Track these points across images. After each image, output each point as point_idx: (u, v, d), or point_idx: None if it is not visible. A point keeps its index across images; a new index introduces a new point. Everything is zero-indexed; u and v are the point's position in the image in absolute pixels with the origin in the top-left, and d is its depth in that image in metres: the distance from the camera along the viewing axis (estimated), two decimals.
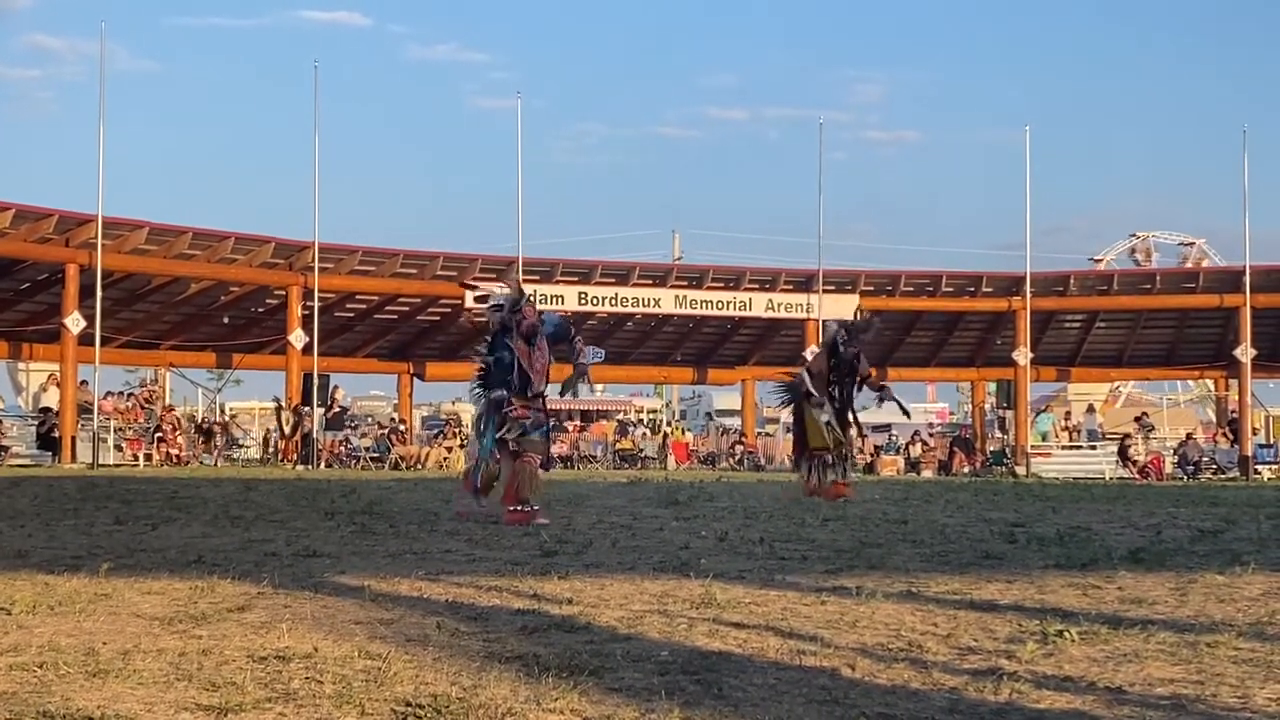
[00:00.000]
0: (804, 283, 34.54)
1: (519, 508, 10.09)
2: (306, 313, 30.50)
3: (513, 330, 10.46)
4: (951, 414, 61.37)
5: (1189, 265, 52.33)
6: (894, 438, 36.28)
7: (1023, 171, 33.84)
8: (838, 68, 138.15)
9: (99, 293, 26.50)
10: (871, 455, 33.65)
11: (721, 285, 34.99)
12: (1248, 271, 33.00)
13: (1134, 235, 58.10)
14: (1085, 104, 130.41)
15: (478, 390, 10.83)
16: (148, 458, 27.44)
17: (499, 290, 10.96)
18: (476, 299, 11.11)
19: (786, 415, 15.06)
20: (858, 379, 14.04)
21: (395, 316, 35.34)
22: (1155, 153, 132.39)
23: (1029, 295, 33.88)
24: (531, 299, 10.93)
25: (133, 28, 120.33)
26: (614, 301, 33.87)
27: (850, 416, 14.20)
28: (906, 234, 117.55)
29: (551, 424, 11.17)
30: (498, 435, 10.38)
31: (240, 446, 32.02)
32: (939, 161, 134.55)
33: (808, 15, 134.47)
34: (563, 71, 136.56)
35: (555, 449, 25.58)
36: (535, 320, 10.58)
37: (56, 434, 26.69)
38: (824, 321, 15.05)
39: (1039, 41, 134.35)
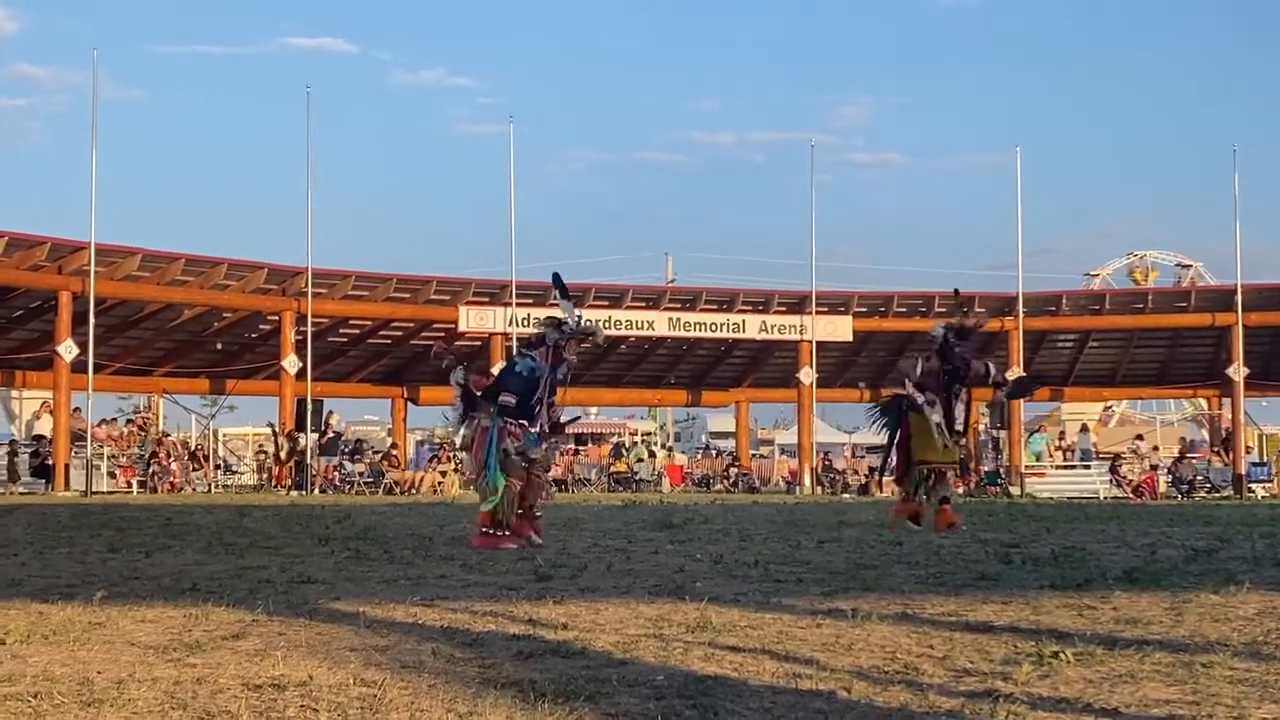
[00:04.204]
0: (797, 304, 34.61)
1: (491, 530, 10.00)
2: (300, 338, 30.50)
3: (548, 363, 10.30)
4: None
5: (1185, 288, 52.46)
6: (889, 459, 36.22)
7: (1010, 192, 34.00)
8: (821, 91, 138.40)
9: (92, 320, 26.51)
10: (866, 476, 33.67)
11: (715, 307, 35.06)
12: (1239, 290, 33.11)
13: (1131, 254, 58.19)
14: (1071, 125, 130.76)
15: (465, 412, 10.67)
16: (141, 484, 27.38)
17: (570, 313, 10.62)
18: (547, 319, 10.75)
19: (882, 435, 13.53)
20: (967, 382, 12.84)
21: (389, 341, 35.34)
22: (1144, 173, 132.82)
23: (1021, 315, 33.94)
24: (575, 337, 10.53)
25: (119, 57, 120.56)
26: (607, 324, 33.87)
27: (962, 424, 12.97)
28: (894, 256, 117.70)
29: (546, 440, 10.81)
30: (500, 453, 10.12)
31: (234, 472, 31.96)
32: (924, 183, 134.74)
33: (790, 39, 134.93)
34: (547, 97, 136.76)
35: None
36: (571, 363, 10.43)
37: (50, 462, 26.64)
38: (935, 327, 13.65)
39: (1023, 64, 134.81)
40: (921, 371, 12.63)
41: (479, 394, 10.58)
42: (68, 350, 26.81)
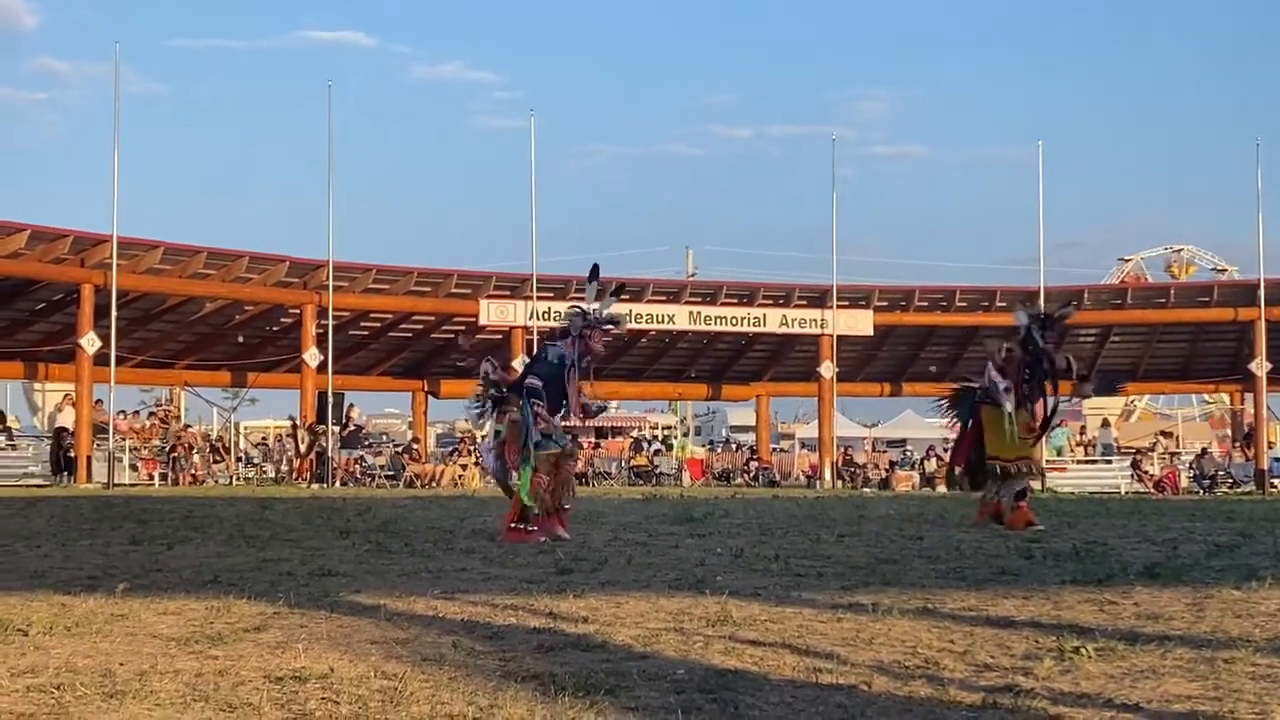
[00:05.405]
0: (818, 298, 34.53)
1: (519, 526, 9.96)
2: (321, 331, 30.58)
3: (574, 350, 10.24)
4: None
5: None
6: (909, 453, 36.19)
7: (1032, 186, 33.88)
8: (840, 85, 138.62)
9: (114, 312, 26.59)
10: (887, 470, 33.65)
11: (735, 301, 34.99)
12: (1262, 285, 32.93)
13: (1169, 247, 58.13)
14: (1094, 118, 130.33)
15: (483, 408, 10.65)
16: (163, 477, 27.50)
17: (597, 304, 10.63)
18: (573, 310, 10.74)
19: (953, 429, 13.04)
20: (1053, 375, 12.19)
21: (409, 334, 35.41)
22: (1168, 166, 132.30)
23: (1043, 309, 33.76)
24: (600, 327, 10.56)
25: (139, 51, 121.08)
26: (628, 318, 33.84)
27: (1039, 418, 12.29)
28: (915, 249, 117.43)
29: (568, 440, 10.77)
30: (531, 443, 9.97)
31: (253, 465, 32.07)
32: (946, 176, 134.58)
33: (808, 33, 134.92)
34: (566, 91, 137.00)
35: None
36: (597, 353, 10.39)
37: (72, 454, 26.78)
38: (1015, 313, 13.23)
39: (1044, 58, 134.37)
40: (1004, 358, 12.23)
41: (507, 388, 10.55)
42: (90, 343, 26.92)
